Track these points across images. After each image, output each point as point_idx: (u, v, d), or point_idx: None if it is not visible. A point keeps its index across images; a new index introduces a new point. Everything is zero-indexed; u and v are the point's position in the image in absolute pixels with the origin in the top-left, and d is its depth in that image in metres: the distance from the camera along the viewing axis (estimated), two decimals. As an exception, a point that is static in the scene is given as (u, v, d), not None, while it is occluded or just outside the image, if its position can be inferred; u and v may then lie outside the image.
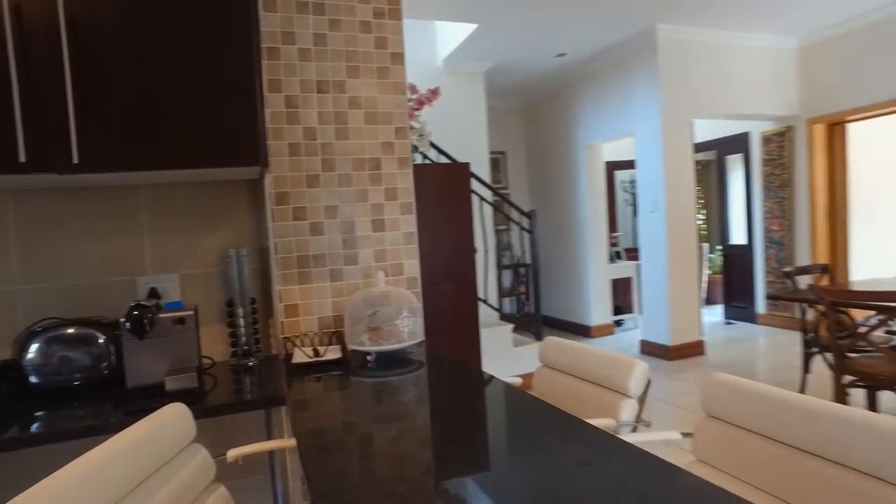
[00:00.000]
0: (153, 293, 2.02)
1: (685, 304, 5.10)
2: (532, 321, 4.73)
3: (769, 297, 3.72)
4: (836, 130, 5.48)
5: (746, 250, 6.29)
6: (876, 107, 4.97)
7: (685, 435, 1.50)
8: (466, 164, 2.74)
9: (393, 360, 1.93)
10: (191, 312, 1.72)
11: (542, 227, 6.85)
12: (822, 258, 5.48)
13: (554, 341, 2.00)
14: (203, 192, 2.04)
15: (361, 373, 1.82)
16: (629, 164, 7.21)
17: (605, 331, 6.32)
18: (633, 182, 7.58)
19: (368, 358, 1.91)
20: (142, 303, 1.61)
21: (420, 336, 1.97)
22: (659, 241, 5.07)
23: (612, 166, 7.25)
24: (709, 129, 6.51)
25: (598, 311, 6.28)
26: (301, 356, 1.90)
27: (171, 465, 1.19)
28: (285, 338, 2.02)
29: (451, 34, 4.94)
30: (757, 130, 5.99)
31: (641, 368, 1.66)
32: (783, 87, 5.47)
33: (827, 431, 1.10)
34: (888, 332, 3.30)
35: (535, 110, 6.89)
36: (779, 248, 5.86)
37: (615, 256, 6.75)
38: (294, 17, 2.00)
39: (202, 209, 2.04)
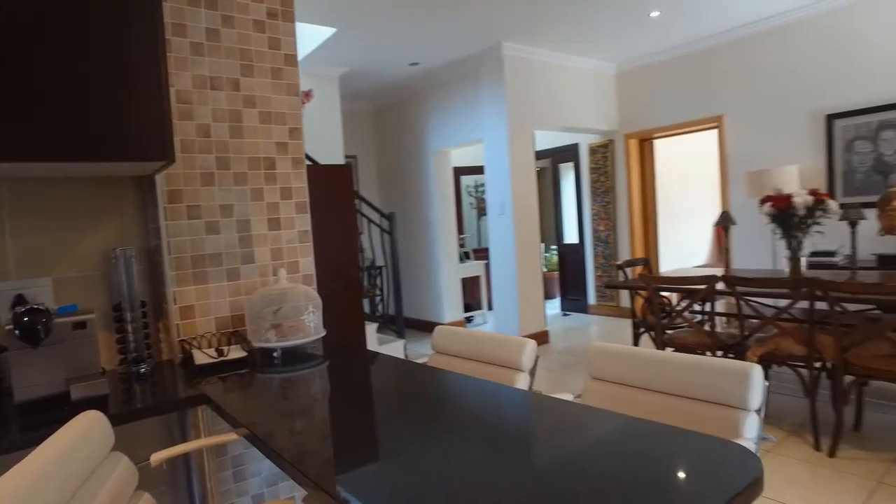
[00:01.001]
0: (19, 300, 1.83)
1: (531, 298, 5.62)
2: (389, 321, 4.90)
3: (607, 286, 4.29)
4: (646, 145, 6.44)
5: (578, 248, 7.09)
6: (675, 126, 5.95)
7: (577, 397, 1.77)
8: (348, 167, 2.81)
9: (299, 355, 1.97)
10: (92, 315, 1.60)
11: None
12: (640, 253, 6.39)
13: (446, 329, 2.19)
14: (82, 189, 1.90)
15: (268, 369, 1.84)
16: (474, 170, 7.72)
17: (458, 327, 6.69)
18: (477, 186, 8.12)
19: (275, 354, 1.93)
20: (35, 306, 1.48)
21: (323, 331, 2.04)
22: (507, 241, 5.53)
23: (459, 171, 7.70)
24: (544, 140, 7.22)
25: (451, 308, 6.64)
26: (203, 357, 1.86)
27: (96, 476, 1.14)
28: (182, 340, 1.95)
29: (308, 36, 4.94)
30: (585, 142, 6.80)
31: (531, 346, 1.91)
32: (606, 106, 6.29)
33: (665, 373, 1.49)
34: (693, 312, 4.01)
35: (387, 115, 7.08)
36: (605, 245, 6.70)
37: (464, 257, 7.18)
38: (186, 10, 1.95)
39: (80, 207, 1.90)
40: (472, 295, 7.18)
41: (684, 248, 7.18)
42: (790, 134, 5.11)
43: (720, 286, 3.41)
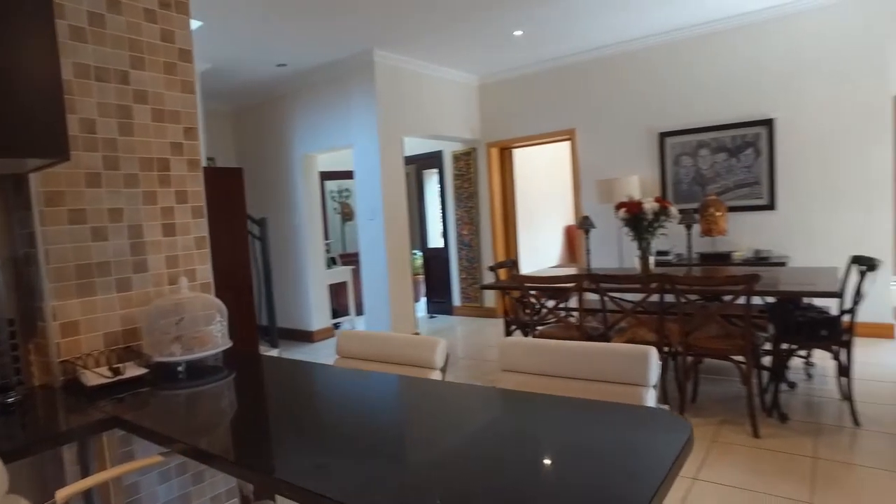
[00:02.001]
0: None
1: (402, 302, 5.71)
2: (263, 331, 4.70)
3: (483, 287, 4.52)
4: (506, 154, 6.86)
5: (443, 252, 7.33)
6: (533, 137, 6.42)
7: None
8: (240, 169, 2.67)
9: (205, 368, 1.85)
10: (-29, 336, 1.37)
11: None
12: (502, 256, 6.78)
13: (351, 333, 2.19)
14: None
15: (173, 385, 1.71)
16: (338, 175, 7.64)
17: (326, 334, 6.58)
18: (341, 191, 8.04)
19: (179, 368, 1.79)
20: None
21: (229, 341, 1.93)
22: (378, 245, 5.57)
23: (323, 176, 7.57)
24: (409, 147, 7.36)
25: (319, 315, 6.50)
26: (96, 378, 1.67)
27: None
28: (64, 361, 1.73)
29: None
30: (448, 149, 7.06)
31: (443, 345, 1.98)
32: (469, 115, 6.60)
33: (573, 360, 1.65)
34: (560, 309, 4.38)
35: (250, 117, 6.75)
36: (469, 249, 7.01)
37: (331, 262, 7.07)
38: (64, -11, 1.74)
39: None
40: (340, 301, 7.09)
41: (540, 250, 7.75)
42: (632, 147, 5.78)
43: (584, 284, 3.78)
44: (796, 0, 4.79)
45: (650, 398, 1.53)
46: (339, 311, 7.02)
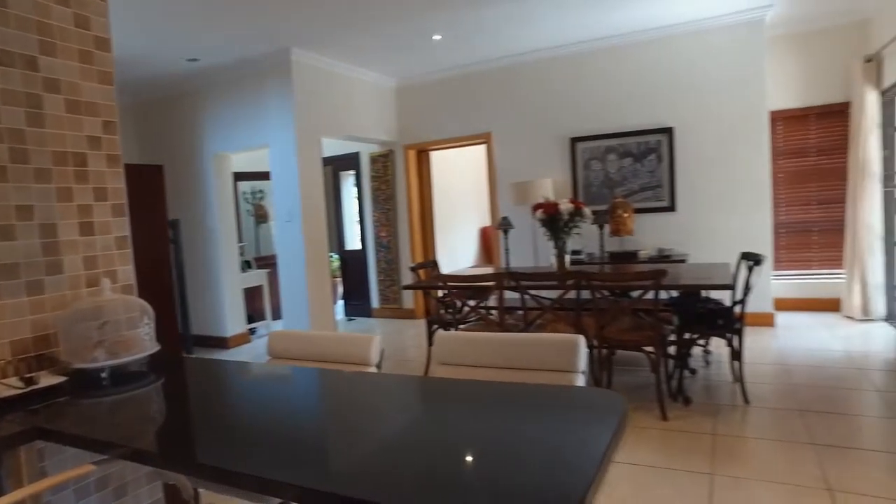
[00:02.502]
0: None
1: (322, 304, 5.63)
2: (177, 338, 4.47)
3: (405, 287, 4.55)
4: (423, 156, 6.93)
5: (361, 254, 7.28)
6: (450, 140, 6.54)
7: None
8: (160, 167, 2.53)
9: (131, 374, 1.76)
10: None
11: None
12: (420, 257, 6.83)
13: (283, 332, 2.16)
14: None
15: (97, 393, 1.62)
16: (252, 175, 7.39)
17: (241, 340, 6.35)
18: (255, 192, 7.78)
19: (103, 375, 1.69)
20: None
21: (157, 344, 1.85)
22: (296, 248, 5.45)
23: (236, 177, 7.29)
24: (325, 148, 7.25)
25: (233, 321, 6.27)
26: (6, 389, 1.55)
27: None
28: (-32, 371, 1.59)
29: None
30: (366, 151, 7.03)
31: (378, 341, 2.01)
32: (387, 117, 6.61)
33: (506, 351, 1.73)
34: (481, 307, 4.50)
35: (157, 113, 6.37)
36: (387, 251, 7.01)
37: (246, 266, 6.83)
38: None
39: None
40: (255, 305, 6.86)
41: (456, 251, 7.89)
42: (545, 151, 6.03)
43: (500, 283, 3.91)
44: (691, 21, 5.21)
45: (580, 383, 1.64)
46: (254, 315, 6.79)
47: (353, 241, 7.57)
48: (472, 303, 4.07)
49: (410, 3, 4.28)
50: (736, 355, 3.61)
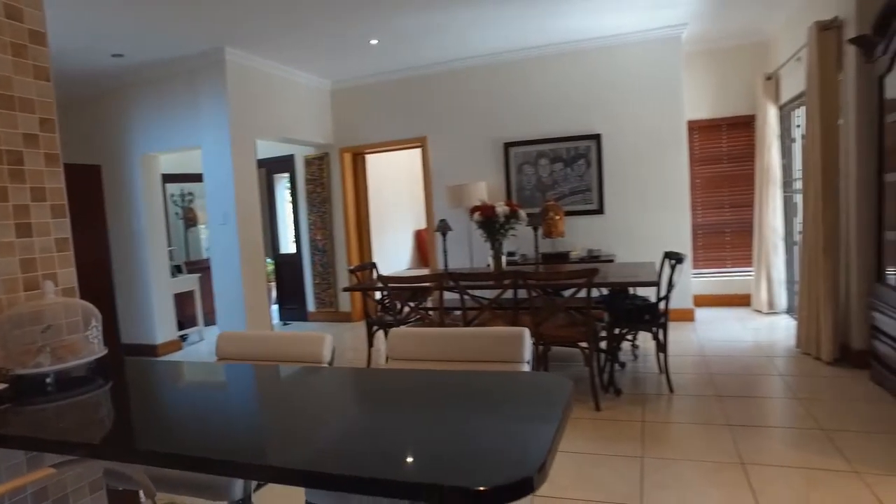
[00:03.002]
0: None
1: (258, 309, 5.53)
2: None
3: (345, 289, 4.56)
4: (359, 159, 6.94)
5: (296, 258, 7.19)
6: (386, 143, 6.59)
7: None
8: (98, 167, 2.44)
9: (78, 378, 1.72)
10: None
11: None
12: (356, 260, 6.83)
13: (232, 334, 2.17)
14: None
15: (39, 399, 1.58)
16: (181, 177, 7.15)
17: (173, 347, 6.12)
18: (184, 195, 7.52)
19: (48, 380, 1.64)
20: None
21: (104, 348, 1.81)
22: (231, 251, 5.34)
23: (164, 178, 7.02)
24: (259, 149, 7.12)
25: (164, 328, 6.04)
26: (-59, 397, 1.48)
27: None
28: None
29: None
30: (301, 153, 6.96)
31: (329, 339, 2.05)
32: (322, 120, 6.58)
33: (455, 345, 1.83)
34: (421, 308, 4.58)
35: (78, 110, 6.03)
36: (322, 254, 6.96)
37: (176, 271, 6.60)
38: None
39: None
40: (186, 311, 6.63)
41: (392, 254, 7.93)
42: (480, 156, 6.19)
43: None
44: (617, 35, 5.52)
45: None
46: (185, 322, 6.56)
47: (287, 245, 7.47)
48: (412, 303, 4.14)
49: (347, 7, 4.31)
50: (661, 348, 3.87)
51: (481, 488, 0.79)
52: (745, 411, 3.34)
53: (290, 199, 7.28)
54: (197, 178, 7.03)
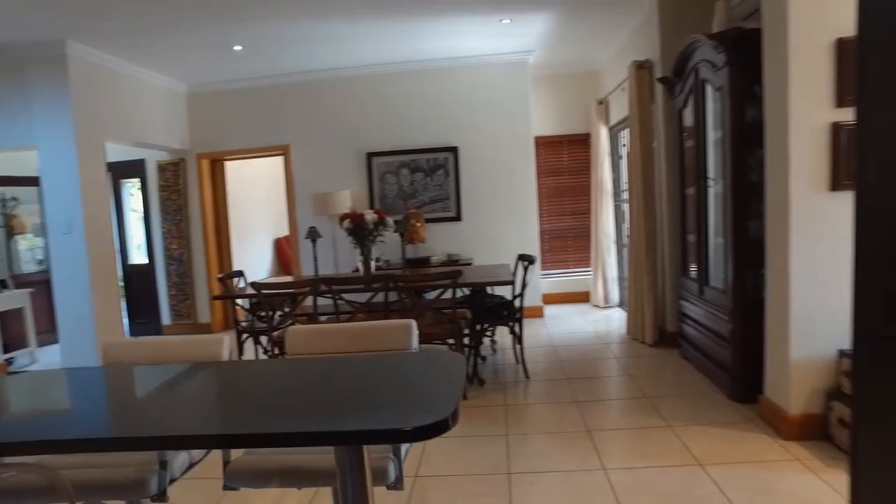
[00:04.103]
0: None
1: (110, 325, 5.16)
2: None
3: (216, 298, 4.46)
4: (217, 165, 6.74)
5: (149, 269, 6.77)
6: (247, 151, 6.50)
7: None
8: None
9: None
10: None
11: None
12: (216, 270, 6.61)
13: (119, 342, 2.17)
14: None
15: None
16: (3, 181, 6.40)
17: (-1, 371, 5.47)
18: (5, 201, 6.73)
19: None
20: None
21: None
22: (78, 262, 4.94)
23: (-18, 183, 6.24)
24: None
25: (-14, 350, 5.38)
26: None
27: None
28: None
29: None
30: (152, 158, 6.59)
31: (228, 339, 2.15)
32: (178, 124, 6.31)
33: (351, 338, 2.02)
34: (297, 314, 4.63)
35: None
36: (179, 264, 6.64)
37: (0, 286, 5.90)
38: None
39: None
40: (13, 331, 5.93)
41: (253, 262, 7.76)
42: (344, 165, 6.35)
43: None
44: (474, 56, 6.01)
45: (413, 359, 2.00)
46: (12, 343, 5.87)
47: (137, 255, 6.99)
48: (286, 309, 4.19)
49: (209, 12, 4.27)
50: (518, 340, 4.34)
51: (411, 427, 1.01)
52: (588, 389, 3.89)
53: (140, 205, 6.83)
54: (23, 181, 6.35)
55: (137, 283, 6.86)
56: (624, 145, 6.21)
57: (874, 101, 1.53)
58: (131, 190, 6.99)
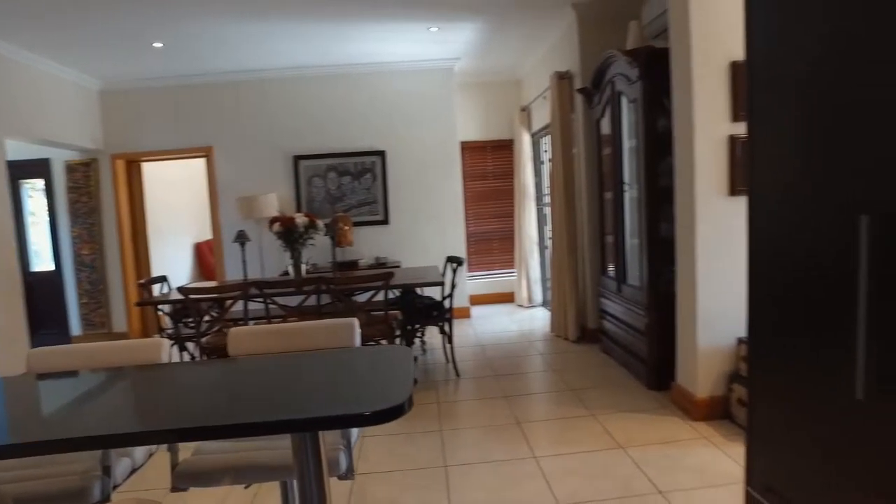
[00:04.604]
0: None
1: (13, 338, 4.83)
2: None
3: (139, 304, 4.28)
4: (134, 166, 6.44)
5: (55, 276, 6.35)
6: (166, 152, 6.26)
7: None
8: None
9: None
10: None
11: None
12: (132, 276, 6.31)
13: (49, 349, 2.09)
14: None
15: None
16: None
17: None
18: None
19: None
20: None
21: None
22: (-25, 269, 4.60)
23: None
24: None
25: None
26: None
27: None
28: None
29: None
30: (59, 158, 6.20)
31: (167, 343, 2.12)
32: (89, 122, 5.97)
33: (295, 337, 2.06)
34: (229, 319, 4.52)
35: None
36: (91, 270, 6.29)
37: None
38: None
39: None
40: None
41: (173, 266, 7.45)
42: (270, 168, 6.25)
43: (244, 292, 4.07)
44: (401, 61, 6.10)
45: (355, 356, 2.06)
46: None
47: (42, 261, 6.54)
48: (213, 314, 4.10)
49: (126, 5, 4.10)
50: (449, 339, 4.46)
51: (370, 411, 1.09)
52: (516, 384, 4.07)
53: (44, 208, 6.40)
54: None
55: (41, 292, 6.41)
56: (546, 151, 6.50)
57: (760, 117, 1.77)
58: (30, 192, 6.54)
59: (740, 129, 2.96)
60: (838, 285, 1.43)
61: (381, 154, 6.32)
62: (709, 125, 3.07)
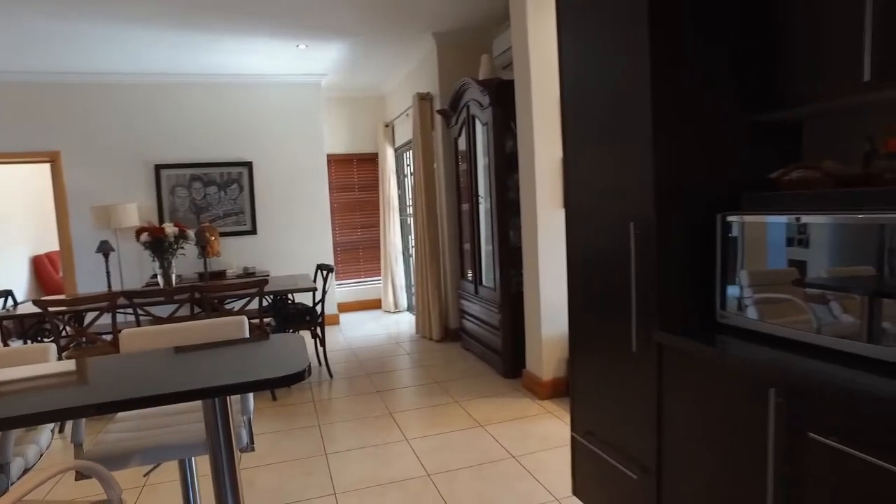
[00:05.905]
0: None
1: None
2: None
3: (-17, 320, 3.96)
4: (-39, 172, 5.84)
5: None
6: (3, 155, 5.77)
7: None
8: None
9: None
10: None
11: None
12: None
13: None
14: None
15: None
16: None
17: None
18: None
19: None
20: None
21: None
22: None
23: None
24: None
25: None
26: None
27: None
28: None
29: None
30: None
31: (54, 347, 2.19)
32: None
33: (191, 335, 2.26)
34: (101, 332, 4.34)
35: None
36: None
37: None
38: None
39: None
40: None
41: (4, 280, 6.82)
42: (129, 176, 6.02)
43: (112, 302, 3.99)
44: (269, 74, 6.20)
45: (244, 354, 2.29)
46: None
47: None
48: (70, 330, 3.96)
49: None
50: (322, 343, 4.69)
51: (279, 376, 1.39)
52: (386, 381, 4.41)
53: None
54: None
55: None
56: (409, 165, 6.95)
57: (572, 144, 2.29)
58: None
59: (569, 153, 3.59)
60: (619, 272, 1.96)
61: (247, 165, 6.36)
62: (547, 148, 3.67)
